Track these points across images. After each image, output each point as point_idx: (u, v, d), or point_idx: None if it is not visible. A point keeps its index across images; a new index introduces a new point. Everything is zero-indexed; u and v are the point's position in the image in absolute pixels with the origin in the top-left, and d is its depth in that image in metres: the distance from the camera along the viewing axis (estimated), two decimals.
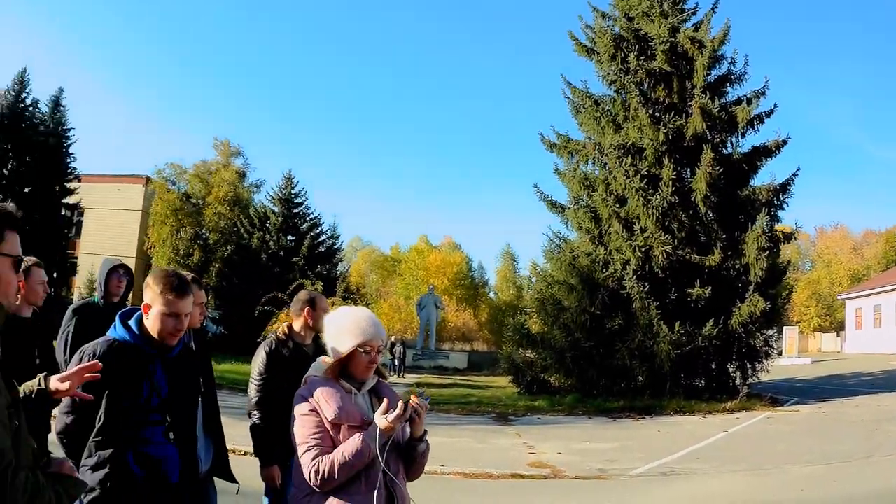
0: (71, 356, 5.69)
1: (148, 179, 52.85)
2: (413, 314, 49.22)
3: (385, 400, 3.65)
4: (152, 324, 4.01)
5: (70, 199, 48.68)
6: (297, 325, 6.22)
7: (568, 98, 27.81)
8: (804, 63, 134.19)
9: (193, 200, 49.84)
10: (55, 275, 46.26)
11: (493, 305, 71.76)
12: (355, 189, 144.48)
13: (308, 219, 46.99)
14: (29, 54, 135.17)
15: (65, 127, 48.90)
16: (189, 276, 4.69)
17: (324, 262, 44.42)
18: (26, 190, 45.19)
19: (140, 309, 4.13)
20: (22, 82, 47.91)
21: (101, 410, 3.82)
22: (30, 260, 6.00)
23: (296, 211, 46.75)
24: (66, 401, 3.75)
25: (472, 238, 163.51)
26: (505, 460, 13.62)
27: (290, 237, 45.33)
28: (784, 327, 58.58)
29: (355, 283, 56.42)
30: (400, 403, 3.55)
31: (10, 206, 2.53)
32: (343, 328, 3.72)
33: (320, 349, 5.77)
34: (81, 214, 53.96)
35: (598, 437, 17.10)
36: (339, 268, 49.48)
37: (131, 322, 4.07)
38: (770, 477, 12.08)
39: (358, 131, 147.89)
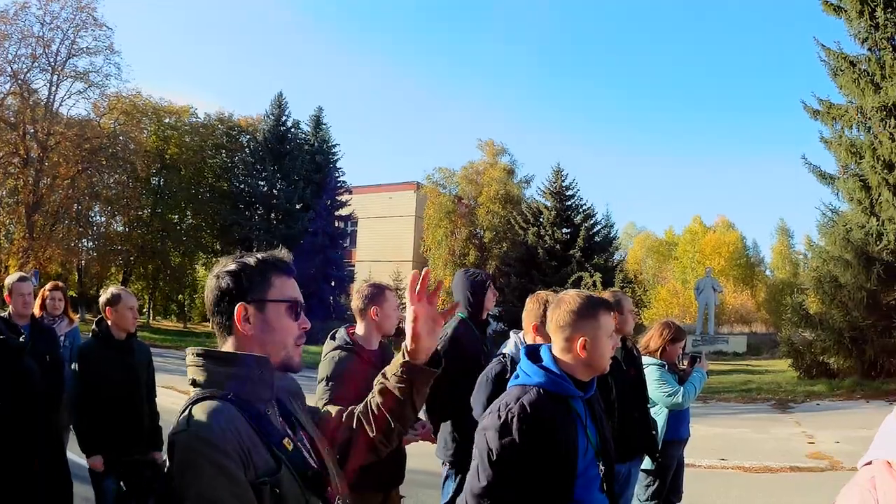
0: None
1: (418, 185, 55.21)
2: (691, 298, 49.10)
3: None
4: (587, 355, 3.59)
5: (342, 212, 52.57)
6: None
7: (824, 61, 26.96)
8: None
9: (465, 201, 51.43)
10: (332, 283, 51.06)
11: (770, 284, 70.12)
12: (624, 175, 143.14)
13: (581, 210, 46.97)
14: (284, 78, 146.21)
15: (329, 143, 53.07)
16: None
17: (600, 252, 44.49)
18: (297, 206, 49.33)
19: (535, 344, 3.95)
20: (280, 106, 52.44)
21: (537, 477, 3.38)
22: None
23: (568, 203, 46.85)
24: (488, 477, 3.42)
25: (745, 215, 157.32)
26: (784, 451, 13.88)
27: (564, 230, 45.53)
28: None
29: (632, 270, 56.90)
30: None
31: (282, 252, 2.76)
32: None
33: (628, 352, 6.61)
34: (355, 225, 57.52)
35: (876, 423, 17.28)
36: (616, 256, 49.43)
37: (546, 361, 3.63)
38: None
39: (623, 119, 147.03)
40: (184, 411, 2.22)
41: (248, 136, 55.19)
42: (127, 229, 52.63)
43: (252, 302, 2.49)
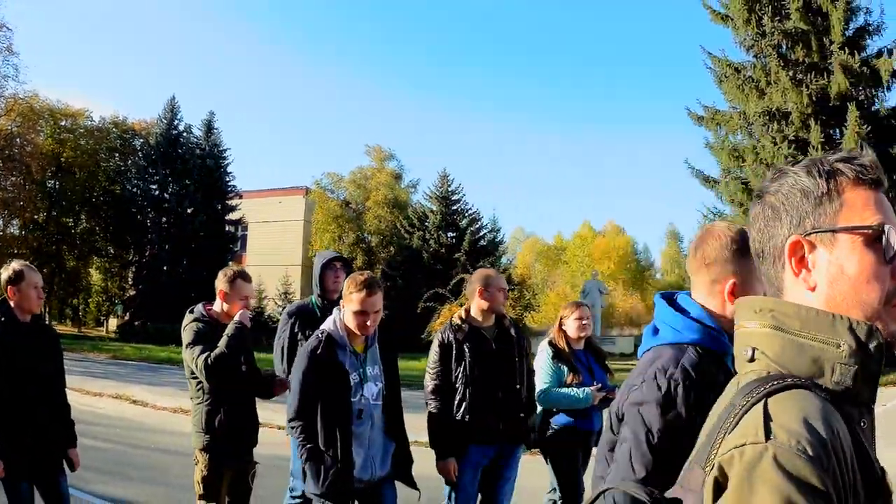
0: (290, 363, 5.91)
1: (307, 190, 54.46)
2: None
3: None
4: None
5: (233, 216, 51.58)
6: (473, 308, 6.10)
7: (709, 68, 27.67)
8: None
9: (353, 206, 51.12)
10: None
11: (660, 288, 69.02)
12: (514, 181, 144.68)
13: (467, 214, 47.31)
14: (176, 82, 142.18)
15: (220, 148, 51.72)
16: None
17: (486, 256, 44.50)
18: (188, 211, 48.09)
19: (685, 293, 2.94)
20: (172, 110, 51.24)
21: None
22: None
23: (454, 208, 47.14)
24: (647, 464, 2.52)
25: (635, 220, 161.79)
26: None
27: (450, 234, 45.79)
28: None
29: (521, 274, 56.69)
30: None
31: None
32: None
33: (505, 332, 6.18)
34: (245, 229, 56.30)
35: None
36: (504, 260, 49.89)
37: (697, 313, 2.76)
38: None
39: (507, 122, 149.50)
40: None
41: (141, 140, 53.74)
42: (22, 232, 50.87)
43: None
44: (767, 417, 1.26)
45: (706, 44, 31.11)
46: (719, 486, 1.24)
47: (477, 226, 47.10)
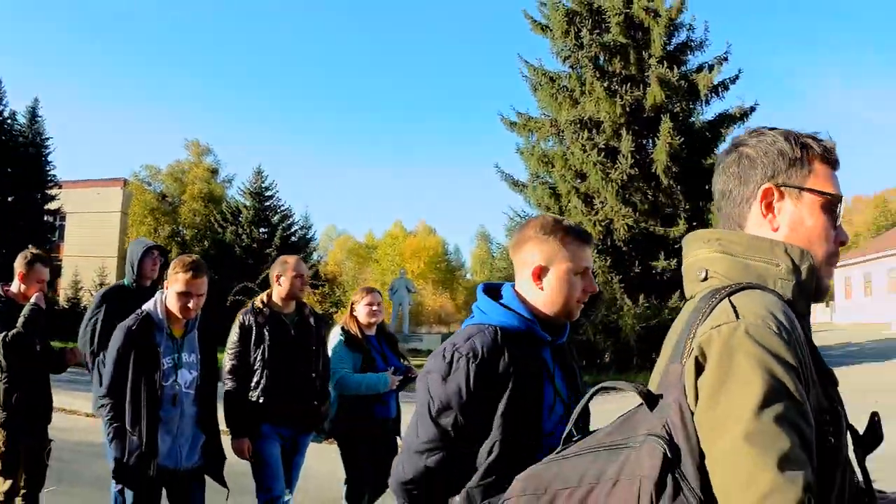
0: (100, 344, 6.01)
1: (125, 182, 53.70)
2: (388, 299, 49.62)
3: None
4: (553, 294, 2.82)
5: (51, 206, 49.32)
6: (274, 294, 6.18)
7: (525, 77, 27.63)
8: (794, 25, 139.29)
9: (169, 199, 50.82)
10: None
11: (469, 287, 72.12)
12: (328, 179, 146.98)
13: (279, 210, 47.60)
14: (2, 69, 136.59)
15: (43, 136, 49.37)
16: None
17: (297, 252, 42.58)
18: (9, 199, 45.90)
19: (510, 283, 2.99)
20: None
21: (496, 438, 2.60)
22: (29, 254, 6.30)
23: (267, 204, 47.32)
24: (426, 430, 2.62)
25: (447, 222, 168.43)
26: None
27: (262, 229, 45.89)
28: None
29: (332, 271, 57.47)
30: None
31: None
32: None
33: (304, 319, 6.32)
34: (63, 219, 54.90)
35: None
36: (314, 257, 50.12)
37: (509, 299, 2.84)
38: None
39: (325, 121, 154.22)
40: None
41: None
42: None
43: None
44: (734, 307, 1.50)
45: (526, 53, 31.43)
46: (699, 365, 1.46)
47: (289, 222, 47.36)
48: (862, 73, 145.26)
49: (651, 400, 1.49)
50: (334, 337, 6.67)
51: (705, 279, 1.69)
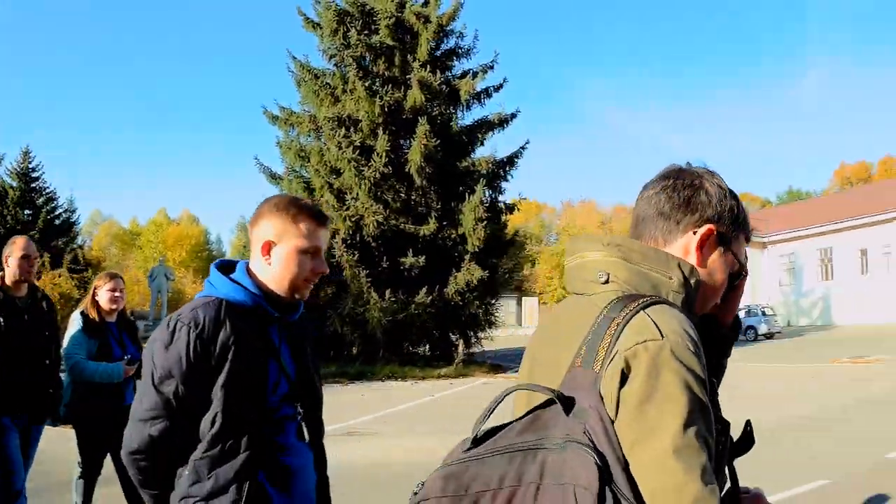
0: None
1: None
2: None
3: None
4: (280, 270, 2.82)
5: None
6: (7, 276, 5.86)
7: (292, 72, 27.75)
8: (567, 40, 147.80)
9: None
10: None
11: None
12: (96, 164, 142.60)
13: (45, 193, 46.07)
14: None
15: None
16: None
17: (60, 235, 43.58)
18: None
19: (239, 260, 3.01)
20: None
21: (217, 409, 2.60)
22: None
23: (33, 185, 45.70)
24: (149, 399, 2.59)
25: (210, 211, 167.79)
26: None
27: (27, 211, 44.27)
28: (523, 298, 61.78)
29: (96, 257, 55.51)
30: None
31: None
32: None
33: (36, 302, 6.08)
34: None
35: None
36: (78, 241, 48.91)
37: (238, 274, 2.86)
38: (452, 439, 12.28)
39: (91, 106, 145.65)
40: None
41: None
42: None
43: None
44: (655, 322, 1.56)
45: (300, 50, 31.50)
46: (624, 375, 1.51)
47: (53, 205, 45.94)
48: (634, 93, 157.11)
49: (568, 404, 1.53)
50: (74, 321, 6.51)
51: (606, 282, 1.73)
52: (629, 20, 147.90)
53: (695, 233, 1.81)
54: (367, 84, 25.74)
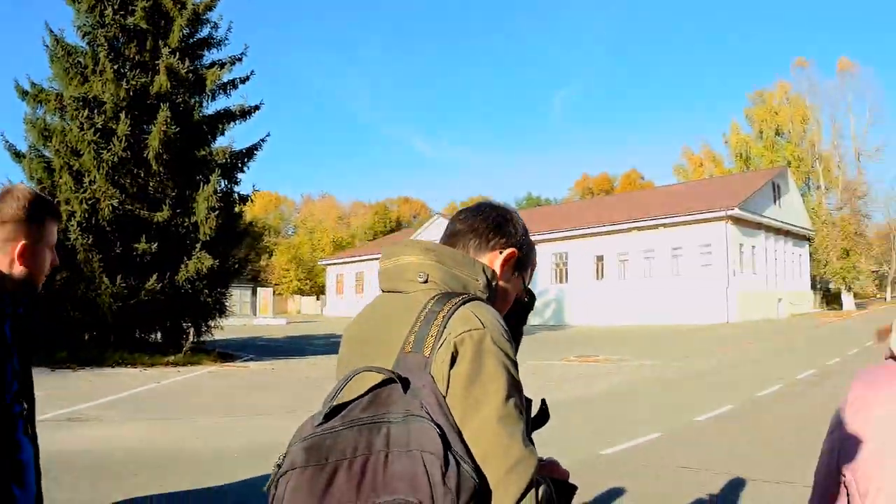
0: None
1: None
2: None
3: None
4: (27, 264, 2.70)
5: None
6: None
7: (46, 46, 26.43)
8: (326, 40, 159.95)
9: None
10: None
11: None
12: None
13: None
14: None
15: None
16: None
17: None
18: None
19: None
20: None
21: None
22: None
23: None
24: None
25: None
26: None
27: None
28: (259, 288, 62.22)
29: None
30: None
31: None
32: None
33: None
34: None
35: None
36: None
37: None
38: (174, 426, 12.65)
39: None
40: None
41: None
42: None
43: None
44: (476, 315, 1.82)
45: (56, 21, 30.29)
46: (453, 357, 1.75)
47: None
48: (390, 96, 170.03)
49: (406, 383, 1.72)
50: None
51: (426, 282, 1.96)
52: (389, 31, 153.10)
53: (501, 252, 2.12)
54: (116, 67, 25.27)
